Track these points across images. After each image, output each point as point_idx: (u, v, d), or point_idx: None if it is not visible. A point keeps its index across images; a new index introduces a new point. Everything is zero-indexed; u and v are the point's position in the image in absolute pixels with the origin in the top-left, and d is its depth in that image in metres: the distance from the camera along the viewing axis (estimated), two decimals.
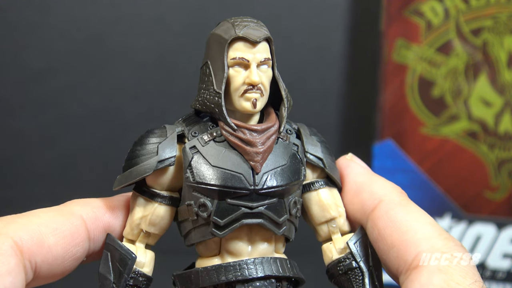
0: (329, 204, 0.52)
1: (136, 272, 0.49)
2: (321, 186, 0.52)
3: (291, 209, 0.50)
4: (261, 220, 0.48)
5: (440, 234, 0.47)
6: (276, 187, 0.48)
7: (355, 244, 0.51)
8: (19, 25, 1.08)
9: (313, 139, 0.52)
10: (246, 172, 0.48)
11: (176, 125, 0.52)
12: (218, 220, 0.48)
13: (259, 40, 0.49)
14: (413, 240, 0.47)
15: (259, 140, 0.49)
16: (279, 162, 0.49)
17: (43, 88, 1.09)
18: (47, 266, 0.47)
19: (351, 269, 0.50)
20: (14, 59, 1.09)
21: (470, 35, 1.00)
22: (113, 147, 1.11)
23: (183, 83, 1.11)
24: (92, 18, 1.09)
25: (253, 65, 0.49)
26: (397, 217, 0.48)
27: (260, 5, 1.11)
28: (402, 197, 0.51)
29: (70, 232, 0.48)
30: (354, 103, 1.15)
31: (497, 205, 1.02)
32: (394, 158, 1.03)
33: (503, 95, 1.00)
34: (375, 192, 0.51)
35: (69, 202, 0.51)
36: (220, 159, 0.48)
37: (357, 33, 1.14)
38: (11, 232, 0.45)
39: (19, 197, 1.10)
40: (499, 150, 1.01)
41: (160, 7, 1.10)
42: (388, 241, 0.48)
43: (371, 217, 0.50)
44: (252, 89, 0.49)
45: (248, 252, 0.49)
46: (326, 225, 0.52)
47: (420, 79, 1.02)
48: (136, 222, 0.51)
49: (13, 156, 1.11)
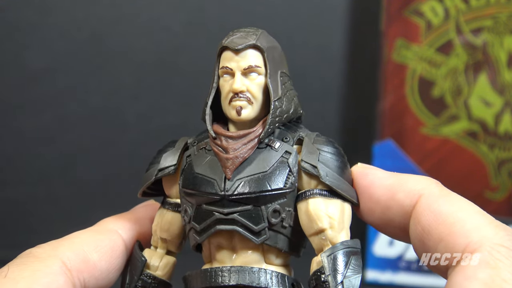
0: (317, 215, 0.49)
1: (145, 274, 0.52)
2: (313, 195, 0.49)
3: (270, 217, 0.48)
4: (234, 226, 0.48)
5: (490, 223, 0.44)
6: (247, 194, 0.48)
7: (328, 256, 0.47)
8: (19, 25, 1.08)
9: (313, 147, 0.50)
10: (219, 178, 0.48)
11: (191, 136, 0.54)
12: (196, 225, 0.49)
13: (239, 47, 0.49)
14: (462, 231, 0.44)
15: (233, 146, 0.49)
16: (257, 169, 0.49)
17: (43, 88, 1.09)
18: (95, 280, 0.51)
19: (320, 283, 0.47)
20: (14, 59, 1.09)
21: (470, 35, 1.00)
22: (113, 147, 1.11)
23: (183, 83, 1.11)
24: (92, 18, 1.09)
25: (237, 73, 0.49)
26: (442, 210, 0.46)
27: (260, 5, 1.11)
28: (441, 188, 0.48)
29: (110, 246, 0.53)
30: (354, 103, 1.15)
31: (497, 205, 1.02)
32: (394, 158, 1.03)
33: (503, 95, 1.00)
34: (412, 189, 0.48)
35: (101, 221, 0.56)
36: (202, 166, 0.50)
37: (357, 33, 1.14)
38: (59, 254, 0.50)
39: (19, 197, 1.10)
40: (499, 150, 1.01)
41: (160, 7, 1.10)
42: (435, 235, 0.45)
43: (413, 215, 0.47)
44: (236, 97, 0.49)
45: (231, 260, 0.49)
46: (316, 237, 0.49)
47: (420, 79, 1.02)
48: (153, 228, 0.54)
49: (13, 156, 1.11)
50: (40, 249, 0.50)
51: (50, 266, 0.48)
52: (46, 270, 0.48)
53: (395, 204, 0.49)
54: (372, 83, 1.07)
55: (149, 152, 0.56)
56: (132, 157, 1.10)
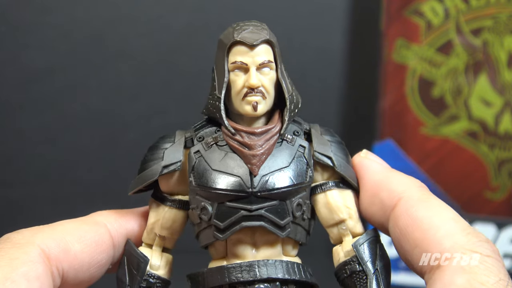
0: (337, 206, 0.51)
1: (149, 274, 0.51)
2: (330, 188, 0.52)
3: (295, 211, 0.50)
4: (261, 222, 0.48)
5: (463, 230, 0.45)
6: (275, 190, 0.48)
7: (360, 246, 0.50)
8: (19, 25, 1.08)
9: (323, 138, 0.52)
10: (244, 175, 0.48)
11: (187, 131, 0.53)
12: (218, 223, 0.49)
13: (256, 43, 0.49)
14: (435, 238, 0.45)
15: (257, 142, 0.49)
16: (279, 164, 0.49)
17: (43, 88, 1.09)
18: (74, 272, 0.49)
19: (355, 272, 0.50)
20: (14, 59, 1.09)
21: (470, 35, 1.00)
22: (113, 147, 1.11)
23: (183, 83, 1.11)
24: (92, 18, 1.09)
25: (252, 68, 0.49)
26: (418, 215, 0.47)
27: (260, 5, 1.11)
28: (422, 192, 0.49)
29: (95, 240, 0.50)
30: (354, 103, 1.15)
31: (497, 205, 1.02)
32: (394, 158, 1.02)
33: (503, 95, 1.00)
34: (394, 190, 0.49)
35: (93, 213, 0.53)
36: (220, 163, 0.49)
37: (357, 33, 1.14)
38: (38, 241, 0.47)
39: (19, 197, 1.10)
40: (499, 150, 1.01)
41: (160, 7, 1.10)
42: (411, 240, 0.46)
43: (391, 217, 0.48)
44: (252, 92, 0.49)
45: (253, 254, 0.50)
46: (336, 228, 0.52)
47: (420, 79, 1.02)
48: (150, 226, 0.52)
49: (13, 156, 1.11)
50: (19, 234, 0.48)
51: (28, 253, 0.46)
52: (24, 258, 0.46)
53: (378, 202, 0.50)
54: (372, 83, 1.07)
55: None
56: (132, 157, 1.09)
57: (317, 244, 0.53)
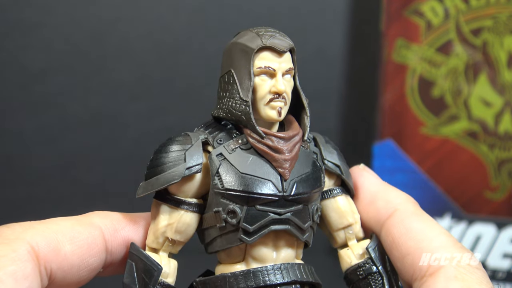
0: (346, 211, 0.54)
1: (161, 283, 0.50)
2: (339, 193, 0.54)
3: (314, 215, 0.51)
4: (288, 226, 0.49)
5: (455, 244, 0.49)
6: (303, 194, 0.50)
7: (374, 249, 0.52)
8: (19, 25, 1.08)
9: (329, 147, 0.54)
10: (275, 179, 0.49)
11: (198, 133, 0.52)
12: (248, 226, 0.49)
13: (286, 50, 0.50)
14: (429, 247, 0.49)
15: (287, 147, 0.50)
16: (303, 169, 0.51)
17: (43, 88, 1.09)
18: (62, 273, 0.48)
19: (371, 274, 0.52)
20: (14, 59, 1.09)
21: (470, 35, 1.00)
22: (113, 147, 1.11)
23: (183, 83, 1.11)
24: (92, 18, 1.09)
25: (279, 74, 0.50)
26: (412, 226, 0.50)
27: (260, 5, 1.11)
28: (416, 207, 0.53)
29: (87, 242, 0.49)
30: (354, 103, 1.15)
31: (497, 205, 1.02)
32: (394, 158, 1.03)
33: (503, 95, 1.00)
34: (390, 201, 0.53)
35: (90, 213, 0.52)
36: (248, 166, 0.49)
37: (357, 33, 1.14)
38: (28, 237, 0.46)
39: (19, 197, 1.10)
40: (499, 150, 1.01)
41: (160, 7, 1.10)
42: (403, 248, 0.50)
43: (385, 225, 0.52)
44: (277, 98, 0.50)
45: (273, 258, 0.50)
46: (343, 232, 0.54)
47: (420, 79, 1.02)
48: (161, 230, 0.51)
49: (13, 156, 1.11)
50: (8, 229, 0.47)
51: (17, 250, 0.45)
52: (12, 256, 0.44)
53: (373, 210, 0.53)
54: (372, 83, 1.07)
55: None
56: (132, 157, 1.10)
57: (313, 244, 0.53)
